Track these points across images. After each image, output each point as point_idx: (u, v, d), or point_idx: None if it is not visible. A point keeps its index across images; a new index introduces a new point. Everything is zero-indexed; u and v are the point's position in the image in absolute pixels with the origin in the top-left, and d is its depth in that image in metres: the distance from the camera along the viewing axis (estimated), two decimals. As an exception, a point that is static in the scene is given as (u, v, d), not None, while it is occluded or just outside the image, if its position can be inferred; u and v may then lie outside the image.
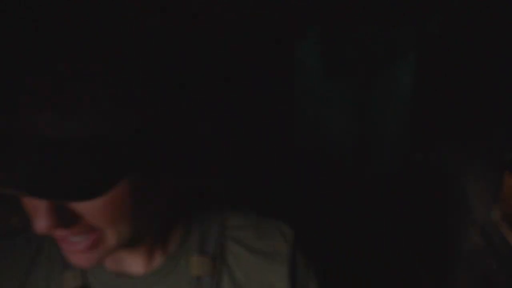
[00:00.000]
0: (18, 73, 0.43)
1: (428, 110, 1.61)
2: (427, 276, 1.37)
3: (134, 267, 0.56)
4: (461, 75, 1.48)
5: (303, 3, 1.56)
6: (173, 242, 0.57)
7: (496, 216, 1.08)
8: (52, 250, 0.57)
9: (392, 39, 1.60)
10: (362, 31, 1.58)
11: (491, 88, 1.32)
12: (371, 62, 1.62)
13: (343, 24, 1.58)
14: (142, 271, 0.56)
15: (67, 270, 0.57)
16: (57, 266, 0.57)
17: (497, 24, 1.31)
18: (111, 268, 0.56)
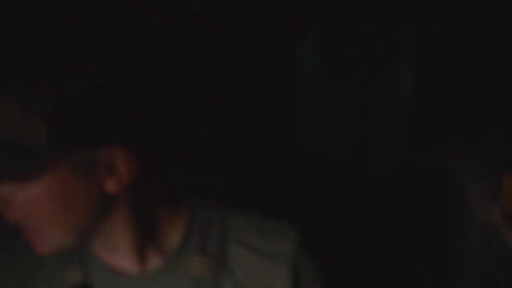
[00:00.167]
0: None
1: (428, 110, 1.61)
2: (427, 276, 1.37)
3: (132, 266, 0.57)
4: (461, 75, 1.48)
5: (303, 3, 1.56)
6: (173, 242, 0.57)
7: (496, 216, 1.08)
8: None
9: (392, 39, 1.60)
10: (362, 31, 1.58)
11: (491, 88, 1.32)
12: (371, 62, 1.62)
13: (343, 24, 1.58)
14: (140, 270, 0.56)
15: (68, 267, 0.57)
16: (58, 264, 0.57)
17: (497, 24, 1.31)
18: (111, 266, 0.57)
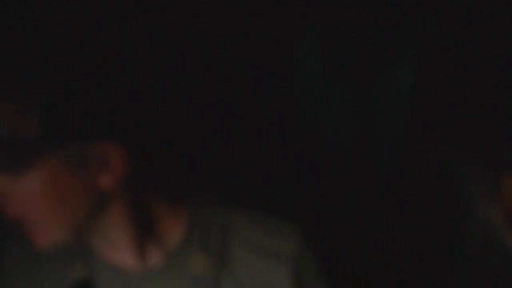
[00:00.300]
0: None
1: (428, 110, 1.61)
2: (427, 276, 1.37)
3: (132, 263, 0.57)
4: (461, 75, 1.48)
5: (303, 3, 1.56)
6: (173, 240, 0.57)
7: (496, 216, 1.08)
8: None
9: (392, 39, 1.60)
10: (362, 31, 1.58)
11: (491, 88, 1.32)
12: (371, 62, 1.61)
13: (343, 24, 1.58)
14: (140, 267, 0.56)
15: (70, 265, 0.57)
16: (60, 261, 0.57)
17: (497, 24, 1.31)
18: (112, 263, 0.57)
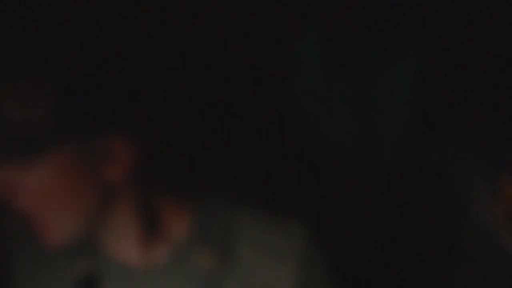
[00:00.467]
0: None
1: (428, 110, 1.61)
2: (427, 276, 1.37)
3: (137, 258, 0.57)
4: (461, 75, 1.48)
5: (303, 3, 1.56)
6: (178, 236, 0.57)
7: (496, 216, 1.08)
8: None
9: (392, 39, 1.60)
10: (362, 31, 1.58)
11: (491, 88, 1.32)
12: (371, 62, 1.61)
13: (343, 24, 1.58)
14: (145, 263, 0.56)
15: (76, 260, 0.57)
16: (66, 257, 0.58)
17: (497, 24, 1.31)
18: (117, 259, 0.57)
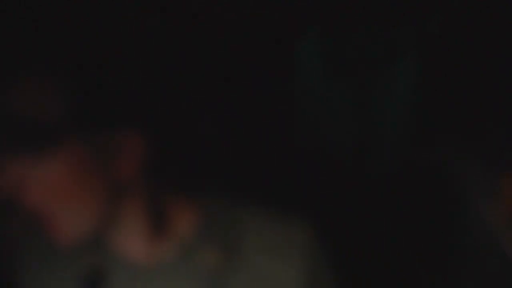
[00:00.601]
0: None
1: (428, 110, 1.61)
2: (427, 276, 1.37)
3: (144, 254, 0.56)
4: (461, 75, 1.48)
5: (303, 3, 1.56)
6: (185, 233, 0.57)
7: (496, 216, 1.08)
8: None
9: (392, 39, 1.60)
10: (362, 31, 1.58)
11: (491, 88, 1.32)
12: (371, 62, 1.61)
13: (343, 24, 1.58)
14: (152, 259, 0.56)
15: (82, 255, 0.57)
16: (73, 252, 0.58)
17: (497, 24, 1.31)
18: (124, 254, 0.57)
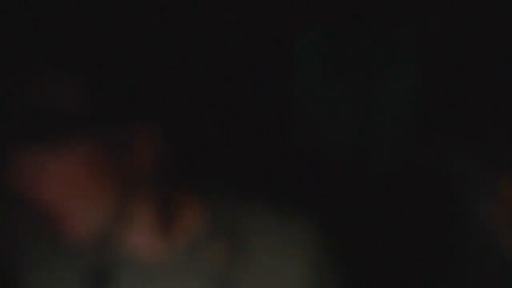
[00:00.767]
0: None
1: (429, 110, 1.61)
2: (427, 276, 1.37)
3: (152, 250, 0.56)
4: (461, 75, 1.48)
5: (303, 3, 1.56)
6: (192, 229, 0.57)
7: (496, 216, 1.08)
8: None
9: (392, 39, 1.60)
10: (362, 31, 1.58)
11: (491, 88, 1.32)
12: (371, 62, 1.61)
13: (343, 24, 1.58)
14: (159, 255, 0.56)
15: (89, 252, 0.57)
16: (79, 249, 0.58)
17: (497, 24, 1.31)
18: (131, 250, 0.56)
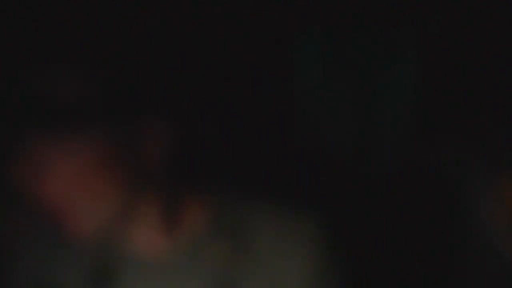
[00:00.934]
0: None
1: (428, 110, 1.61)
2: (427, 276, 1.37)
3: (155, 249, 0.56)
4: (461, 75, 1.48)
5: (303, 3, 1.56)
6: (196, 228, 0.57)
7: (496, 217, 1.08)
8: None
9: (392, 39, 1.60)
10: (362, 31, 1.58)
11: (491, 88, 1.32)
12: (371, 62, 1.61)
13: (343, 24, 1.58)
14: (162, 254, 0.56)
15: (90, 251, 0.57)
16: (81, 248, 0.57)
17: (497, 24, 1.31)
18: (133, 250, 0.56)
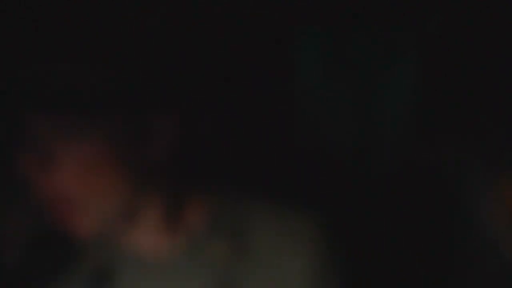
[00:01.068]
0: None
1: (428, 110, 1.61)
2: (427, 276, 1.37)
3: (155, 248, 0.56)
4: (461, 75, 1.48)
5: (303, 3, 1.56)
6: (196, 227, 0.57)
7: (497, 217, 1.08)
8: None
9: (392, 39, 1.60)
10: (362, 31, 1.58)
11: (491, 88, 1.32)
12: (371, 62, 1.61)
13: (343, 24, 1.58)
14: (162, 253, 0.56)
15: (90, 251, 0.57)
16: (80, 248, 0.57)
17: (497, 24, 1.31)
18: (134, 248, 0.56)
